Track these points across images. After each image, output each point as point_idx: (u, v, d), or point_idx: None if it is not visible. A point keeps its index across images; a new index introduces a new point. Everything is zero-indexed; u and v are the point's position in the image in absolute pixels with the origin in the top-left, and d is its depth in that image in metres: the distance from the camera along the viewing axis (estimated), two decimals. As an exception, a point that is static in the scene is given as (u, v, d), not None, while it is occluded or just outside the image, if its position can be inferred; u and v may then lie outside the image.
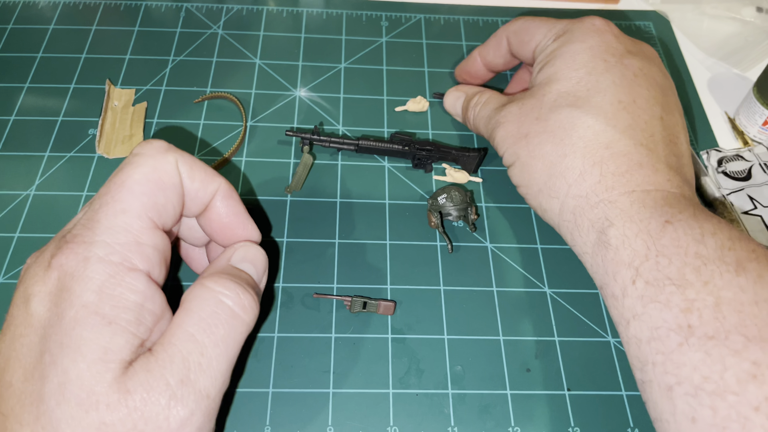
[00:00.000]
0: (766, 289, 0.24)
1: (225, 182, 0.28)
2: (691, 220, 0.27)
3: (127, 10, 0.52)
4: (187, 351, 0.23)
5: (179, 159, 0.26)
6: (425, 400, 0.33)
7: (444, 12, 0.54)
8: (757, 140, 0.46)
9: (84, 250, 0.23)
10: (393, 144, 0.42)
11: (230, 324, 0.24)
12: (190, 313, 0.24)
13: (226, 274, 0.26)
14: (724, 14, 0.55)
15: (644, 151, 0.30)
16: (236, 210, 0.29)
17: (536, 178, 0.33)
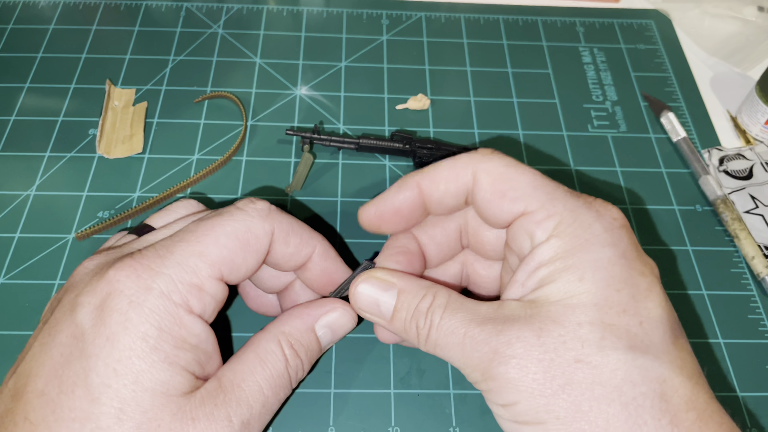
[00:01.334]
0: None
1: (322, 244, 0.29)
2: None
3: (127, 9, 0.52)
4: (254, 399, 0.25)
5: (277, 226, 0.27)
6: (427, 400, 0.33)
7: (445, 10, 0.54)
8: (759, 139, 0.46)
9: (149, 277, 0.23)
10: (394, 142, 0.42)
11: (285, 390, 0.27)
12: (262, 365, 0.26)
13: (302, 340, 0.27)
14: (725, 13, 0.55)
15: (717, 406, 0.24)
16: (332, 269, 0.29)
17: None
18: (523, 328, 0.24)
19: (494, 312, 0.25)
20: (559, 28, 0.53)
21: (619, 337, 0.23)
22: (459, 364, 0.25)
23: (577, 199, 0.26)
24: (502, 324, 0.24)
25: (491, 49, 0.51)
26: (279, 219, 0.27)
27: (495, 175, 0.27)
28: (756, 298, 0.38)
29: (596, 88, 0.49)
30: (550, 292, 0.24)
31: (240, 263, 0.26)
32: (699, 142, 0.46)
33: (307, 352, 0.27)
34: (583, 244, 0.24)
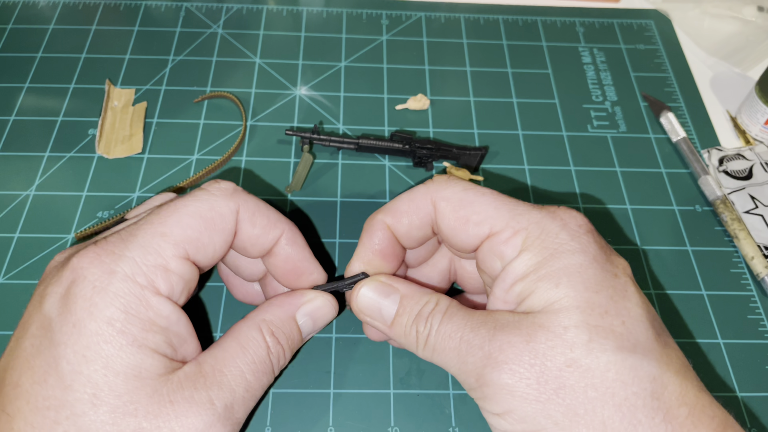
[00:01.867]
0: None
1: (290, 228, 0.28)
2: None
3: (126, 9, 0.52)
4: (236, 384, 0.25)
5: (242, 205, 0.27)
6: (426, 400, 0.33)
7: (444, 10, 0.54)
8: (759, 139, 0.46)
9: (111, 261, 0.23)
10: (393, 143, 0.42)
11: (268, 376, 0.27)
12: (244, 351, 0.26)
13: (283, 327, 0.27)
14: (725, 13, 0.55)
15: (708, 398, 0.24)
16: (301, 256, 0.29)
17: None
18: (513, 333, 0.24)
19: (488, 318, 0.25)
20: (559, 28, 0.53)
21: (605, 337, 0.23)
22: (455, 370, 0.25)
23: (540, 211, 0.26)
24: (494, 329, 0.24)
25: (491, 50, 0.51)
26: (244, 198, 0.27)
27: (455, 201, 0.27)
28: (755, 299, 0.38)
29: (596, 88, 0.49)
30: (532, 304, 0.24)
31: (206, 242, 0.26)
32: (699, 142, 0.46)
33: (288, 340, 0.28)
34: (553, 254, 0.25)
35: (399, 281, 0.28)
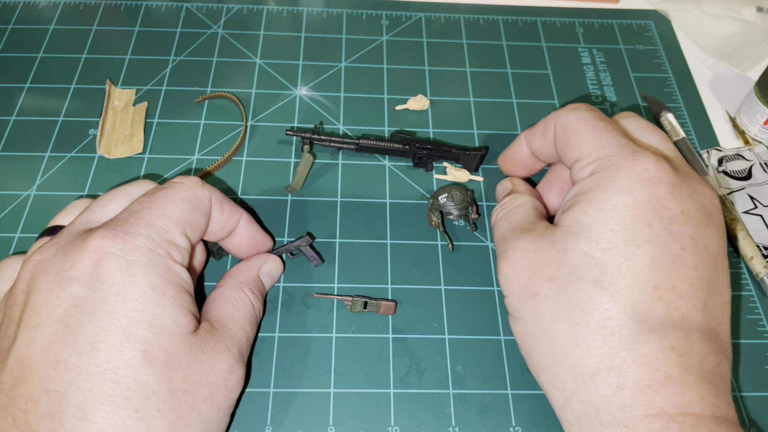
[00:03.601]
0: None
1: (246, 213, 0.33)
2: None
3: (127, 10, 0.52)
4: (241, 334, 0.30)
5: (213, 193, 0.31)
6: (426, 399, 0.33)
7: (444, 10, 0.54)
8: (758, 139, 0.46)
9: (131, 239, 0.26)
10: (393, 143, 0.42)
11: (256, 325, 0.33)
12: (237, 309, 0.31)
13: (256, 285, 0.33)
14: (724, 14, 0.55)
15: (675, 358, 0.25)
16: (259, 231, 0.35)
17: (539, 353, 0.28)
18: (529, 242, 0.29)
19: (529, 225, 0.31)
20: (559, 28, 0.53)
21: (590, 269, 0.26)
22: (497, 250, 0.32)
23: (622, 148, 0.29)
24: (522, 233, 0.30)
25: (491, 50, 0.51)
26: (212, 189, 0.31)
27: (564, 127, 0.32)
28: (755, 299, 0.38)
29: (595, 88, 0.49)
30: (563, 218, 0.29)
31: (196, 223, 0.29)
32: (698, 142, 0.46)
33: (261, 294, 0.33)
34: (603, 185, 0.28)
35: (519, 182, 0.37)
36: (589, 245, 0.27)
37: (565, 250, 0.27)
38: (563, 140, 0.31)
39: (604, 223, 0.27)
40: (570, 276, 0.27)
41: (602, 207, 0.27)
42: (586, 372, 0.26)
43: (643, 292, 0.26)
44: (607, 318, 0.25)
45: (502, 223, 0.33)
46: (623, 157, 0.28)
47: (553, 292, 0.27)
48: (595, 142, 0.29)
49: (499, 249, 0.31)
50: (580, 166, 0.30)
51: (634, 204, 0.27)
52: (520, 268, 0.29)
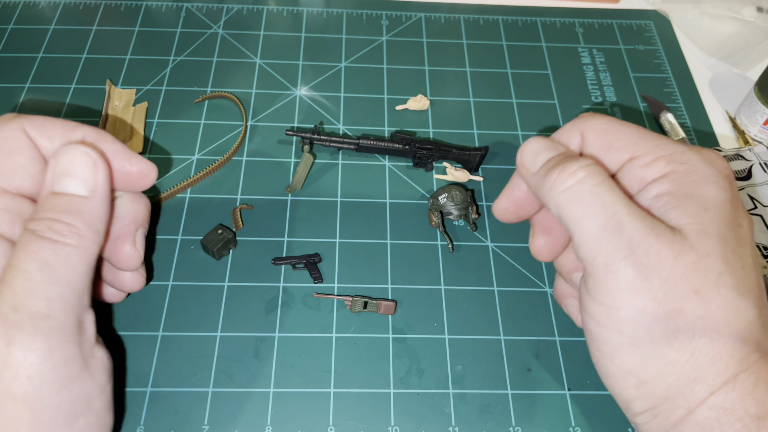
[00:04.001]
0: None
1: (90, 128, 0.28)
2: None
3: (127, 10, 0.52)
4: (12, 280, 0.23)
5: (26, 124, 0.26)
6: (426, 399, 0.33)
7: (444, 11, 0.54)
8: (758, 140, 0.46)
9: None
10: (393, 143, 0.42)
11: (52, 249, 0.24)
12: (14, 252, 0.24)
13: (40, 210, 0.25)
14: (724, 14, 0.55)
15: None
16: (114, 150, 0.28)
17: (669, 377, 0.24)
18: (666, 246, 0.24)
19: (647, 216, 0.25)
20: (559, 28, 0.53)
21: (731, 275, 0.24)
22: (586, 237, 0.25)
23: (686, 146, 0.27)
24: (651, 230, 0.24)
25: (491, 50, 0.51)
26: (28, 117, 0.27)
27: (600, 130, 0.28)
28: (754, 299, 0.38)
29: (595, 88, 0.49)
30: (679, 215, 0.25)
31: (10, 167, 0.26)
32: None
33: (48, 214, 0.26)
34: (700, 180, 0.25)
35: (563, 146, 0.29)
36: (724, 247, 0.24)
37: (706, 254, 0.24)
38: (602, 142, 0.28)
39: (724, 222, 0.25)
40: (715, 285, 0.24)
41: (716, 204, 0.25)
42: (723, 377, 0.24)
43: (760, 291, 0.25)
44: (747, 324, 0.24)
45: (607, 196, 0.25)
46: (693, 153, 0.26)
47: (699, 306, 0.24)
48: (650, 141, 0.27)
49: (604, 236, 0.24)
50: (644, 162, 0.26)
51: (730, 200, 0.26)
52: (657, 278, 0.24)
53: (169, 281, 0.36)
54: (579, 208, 0.25)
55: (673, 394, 0.24)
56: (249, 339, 0.35)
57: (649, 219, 0.25)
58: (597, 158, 0.28)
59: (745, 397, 0.24)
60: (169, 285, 0.36)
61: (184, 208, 0.40)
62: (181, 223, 0.39)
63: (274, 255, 0.38)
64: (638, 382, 0.25)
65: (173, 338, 0.34)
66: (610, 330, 0.25)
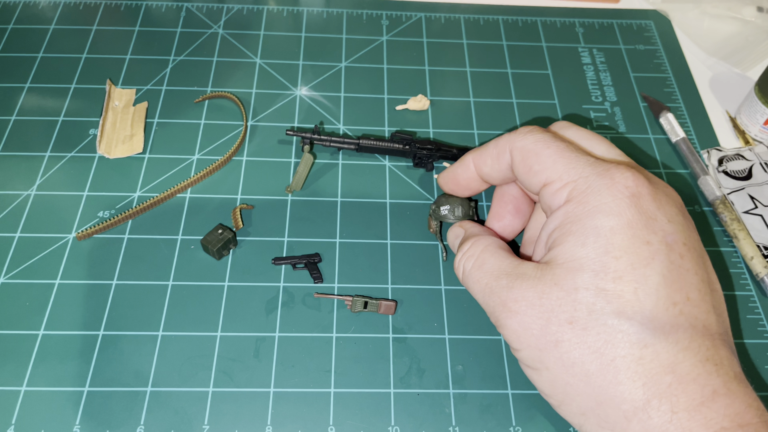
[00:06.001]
0: None
1: None
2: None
3: (127, 10, 0.52)
4: None
5: None
6: (426, 399, 0.33)
7: (444, 10, 0.54)
8: (758, 139, 0.46)
9: None
10: (394, 143, 0.42)
11: None
12: None
13: None
14: (724, 14, 0.55)
15: (713, 369, 0.25)
16: None
17: (577, 399, 0.26)
18: (529, 289, 0.27)
19: (513, 269, 0.29)
20: (559, 28, 0.53)
21: (609, 302, 0.25)
22: (481, 305, 0.30)
23: (593, 168, 0.28)
24: (514, 281, 0.28)
25: (491, 50, 0.51)
26: None
27: (524, 152, 0.30)
28: (755, 299, 0.38)
29: (595, 88, 0.49)
30: (557, 255, 0.27)
31: None
32: (698, 142, 0.46)
33: None
34: (590, 211, 0.27)
35: (470, 225, 0.35)
36: (598, 279, 0.26)
37: (574, 288, 0.26)
38: (524, 165, 0.30)
39: (606, 251, 0.26)
40: (590, 314, 0.25)
41: (598, 235, 0.26)
42: (636, 405, 0.25)
43: (666, 311, 0.25)
44: (643, 347, 0.25)
45: (477, 274, 0.30)
46: (598, 176, 0.27)
47: (577, 335, 0.26)
48: (563, 164, 0.28)
49: (490, 303, 0.29)
50: (552, 190, 0.28)
51: (627, 224, 0.26)
52: (528, 319, 0.27)
53: (169, 281, 0.36)
54: (470, 289, 0.31)
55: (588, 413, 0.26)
56: (249, 339, 0.35)
57: (515, 272, 0.28)
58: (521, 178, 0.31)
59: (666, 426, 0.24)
60: (169, 285, 0.36)
61: (184, 208, 0.40)
62: (181, 223, 0.39)
63: (274, 255, 0.38)
64: (556, 403, 0.28)
65: (173, 338, 0.34)
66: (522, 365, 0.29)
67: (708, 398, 0.24)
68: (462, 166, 0.35)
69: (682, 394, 0.24)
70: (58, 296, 0.36)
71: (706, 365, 0.25)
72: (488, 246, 0.31)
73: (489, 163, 0.33)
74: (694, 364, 0.25)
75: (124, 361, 0.33)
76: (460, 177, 0.35)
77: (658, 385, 0.24)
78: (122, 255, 0.37)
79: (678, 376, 0.24)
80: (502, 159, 0.32)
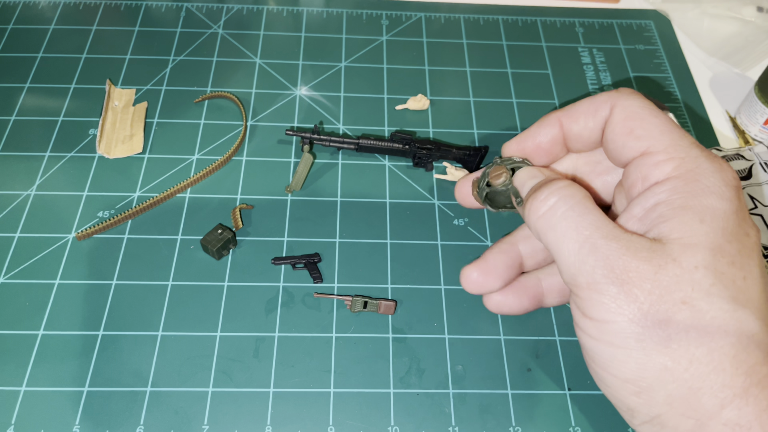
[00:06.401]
0: None
1: None
2: None
3: (127, 10, 0.52)
4: None
5: None
6: (426, 399, 0.33)
7: (444, 10, 0.54)
8: (758, 139, 0.46)
9: None
10: (393, 143, 0.42)
11: None
12: None
13: None
14: (724, 14, 0.55)
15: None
16: None
17: (669, 385, 0.24)
18: (644, 262, 0.25)
19: (622, 234, 0.26)
20: (559, 28, 0.53)
21: (726, 286, 0.24)
22: (566, 260, 0.26)
23: (700, 150, 0.27)
24: (627, 249, 0.25)
25: (491, 50, 0.51)
26: None
27: (629, 112, 0.28)
28: (755, 298, 0.38)
29: (595, 88, 0.49)
30: (671, 229, 0.25)
31: None
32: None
33: None
34: (704, 190, 0.25)
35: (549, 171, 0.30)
36: (717, 260, 0.25)
37: (694, 267, 0.24)
38: (625, 126, 0.28)
39: (723, 234, 0.25)
40: (707, 296, 0.24)
41: (715, 216, 0.25)
42: (735, 392, 0.24)
43: (765, 302, 0.25)
44: (749, 336, 0.24)
45: (577, 220, 0.26)
46: (705, 158, 0.26)
47: (690, 316, 0.24)
48: (670, 138, 0.27)
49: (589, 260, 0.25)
50: (654, 161, 0.26)
51: (735, 212, 0.25)
52: (639, 291, 0.24)
53: (169, 281, 0.36)
54: (554, 234, 0.26)
55: (676, 402, 0.24)
56: (249, 339, 0.35)
57: (625, 237, 0.25)
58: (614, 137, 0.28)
59: (761, 414, 0.24)
60: (169, 285, 0.36)
61: (184, 208, 0.40)
62: (181, 223, 0.39)
63: (274, 255, 0.38)
64: (637, 390, 0.25)
65: (173, 338, 0.34)
66: (602, 342, 0.25)
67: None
68: (546, 126, 0.31)
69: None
70: (58, 296, 0.36)
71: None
72: (588, 197, 0.27)
73: (582, 120, 0.29)
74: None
75: (123, 361, 0.33)
76: (543, 138, 0.31)
77: (758, 374, 0.24)
78: (122, 255, 0.37)
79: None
80: (598, 115, 0.29)
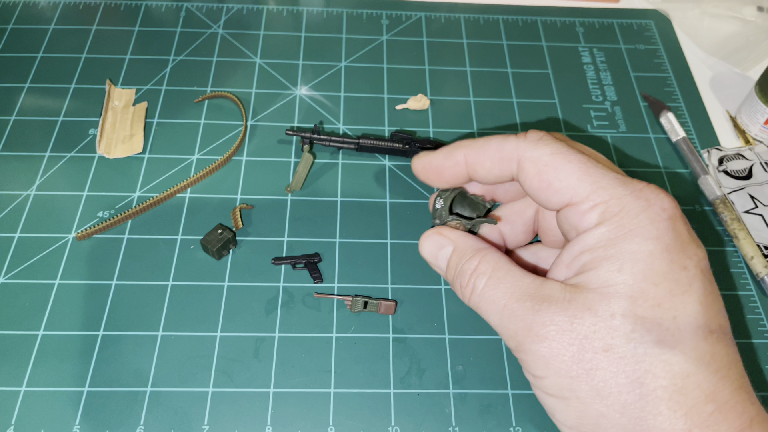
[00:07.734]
0: None
1: None
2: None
3: (127, 10, 0.52)
4: None
5: None
6: (426, 399, 0.33)
7: (444, 10, 0.54)
8: (759, 139, 0.46)
9: None
10: (394, 142, 0.42)
11: None
12: None
13: None
14: (725, 13, 0.55)
15: (746, 396, 0.25)
16: None
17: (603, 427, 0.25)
18: (559, 313, 0.25)
19: (536, 289, 0.26)
20: (559, 28, 0.53)
21: (648, 330, 0.24)
22: (496, 329, 0.27)
23: (625, 188, 0.26)
24: (540, 304, 0.26)
25: (491, 50, 0.51)
26: None
27: (540, 165, 0.27)
28: (755, 298, 0.38)
29: (596, 88, 0.49)
30: (590, 279, 0.25)
31: None
32: (698, 142, 0.46)
33: None
34: (627, 235, 0.25)
35: (456, 234, 0.30)
36: (636, 306, 0.24)
37: (610, 315, 0.24)
38: (541, 180, 0.27)
39: (645, 278, 0.24)
40: (628, 342, 0.24)
41: (636, 260, 0.25)
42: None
43: (705, 340, 0.24)
44: (685, 377, 0.24)
45: (493, 294, 0.27)
46: (632, 197, 0.26)
47: (613, 364, 0.24)
48: (590, 182, 0.26)
49: (511, 327, 0.26)
50: (580, 211, 0.26)
51: (666, 249, 0.25)
52: (558, 344, 0.25)
53: (169, 281, 0.36)
54: (484, 313, 0.27)
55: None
56: (249, 339, 0.35)
57: (540, 292, 0.26)
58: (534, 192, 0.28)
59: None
60: (169, 285, 0.36)
61: (183, 208, 0.40)
62: (180, 223, 0.39)
63: (274, 255, 0.38)
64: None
65: (173, 338, 0.34)
66: (544, 394, 0.26)
67: (746, 426, 0.24)
68: (450, 158, 0.30)
69: (723, 423, 0.24)
70: (58, 296, 0.36)
71: (740, 393, 0.25)
72: (500, 262, 0.28)
73: (488, 166, 0.29)
74: (732, 392, 0.24)
75: (123, 362, 0.33)
76: (445, 169, 0.31)
77: (700, 414, 0.24)
78: (122, 255, 0.37)
79: (719, 404, 0.24)
80: (505, 167, 0.29)
